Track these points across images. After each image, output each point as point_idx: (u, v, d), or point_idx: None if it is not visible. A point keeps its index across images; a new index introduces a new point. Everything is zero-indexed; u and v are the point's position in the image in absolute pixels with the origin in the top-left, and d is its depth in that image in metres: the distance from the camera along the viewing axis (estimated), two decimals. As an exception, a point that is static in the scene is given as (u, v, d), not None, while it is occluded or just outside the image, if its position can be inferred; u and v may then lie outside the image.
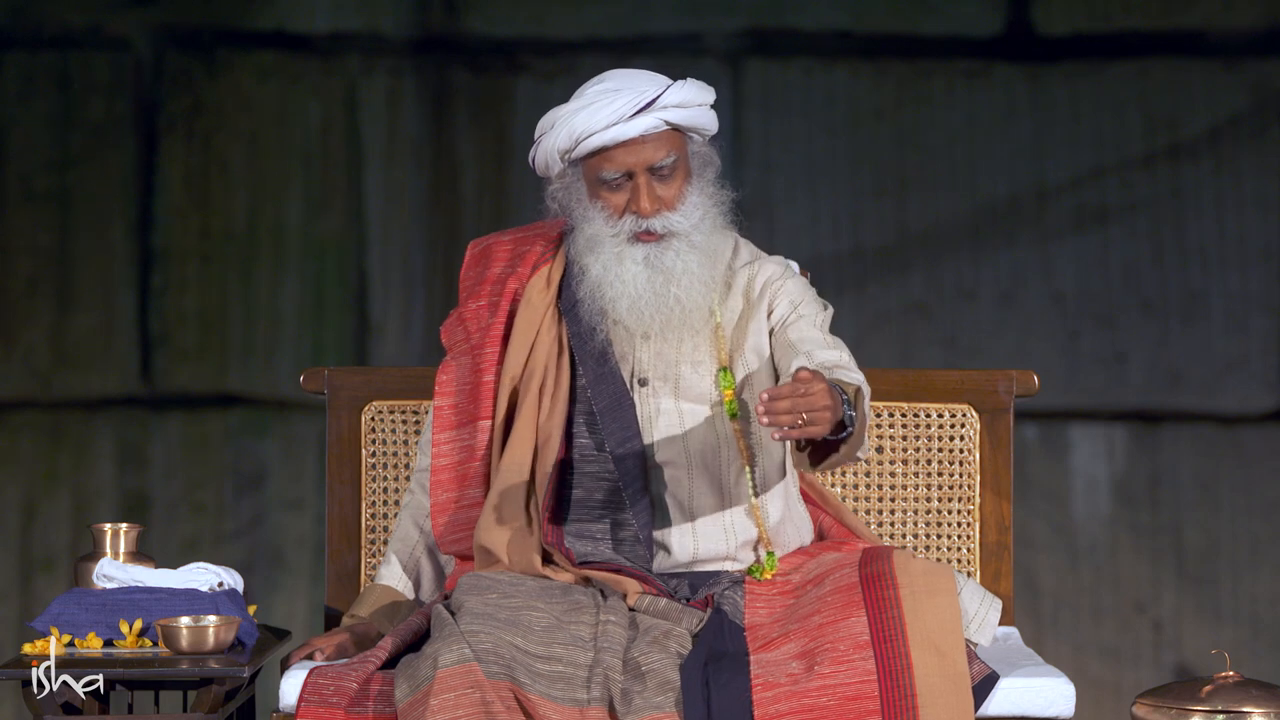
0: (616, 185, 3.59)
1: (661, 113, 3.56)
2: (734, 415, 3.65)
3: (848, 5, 5.63)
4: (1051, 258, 5.61)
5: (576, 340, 3.67)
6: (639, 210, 3.58)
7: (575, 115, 3.57)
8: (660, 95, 3.56)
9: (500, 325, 3.73)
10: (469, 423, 3.72)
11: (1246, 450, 5.60)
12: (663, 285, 3.59)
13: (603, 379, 3.63)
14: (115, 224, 5.62)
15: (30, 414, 5.63)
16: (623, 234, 3.59)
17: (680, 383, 3.67)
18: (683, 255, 3.59)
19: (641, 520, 3.58)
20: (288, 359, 5.61)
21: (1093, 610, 5.59)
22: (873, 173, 5.63)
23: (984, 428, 4.14)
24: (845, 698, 3.28)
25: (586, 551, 3.62)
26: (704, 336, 3.68)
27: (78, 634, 3.66)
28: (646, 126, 3.56)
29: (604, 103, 3.56)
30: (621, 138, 3.55)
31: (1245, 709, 3.54)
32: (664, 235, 3.59)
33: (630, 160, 3.57)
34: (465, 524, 3.70)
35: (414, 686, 3.26)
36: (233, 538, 5.61)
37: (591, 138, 3.56)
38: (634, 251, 3.59)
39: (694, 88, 3.60)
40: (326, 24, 5.64)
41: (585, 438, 3.65)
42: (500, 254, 3.81)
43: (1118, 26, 5.63)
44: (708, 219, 3.64)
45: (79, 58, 5.63)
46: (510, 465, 3.63)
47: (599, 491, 3.63)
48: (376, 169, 5.64)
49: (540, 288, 3.73)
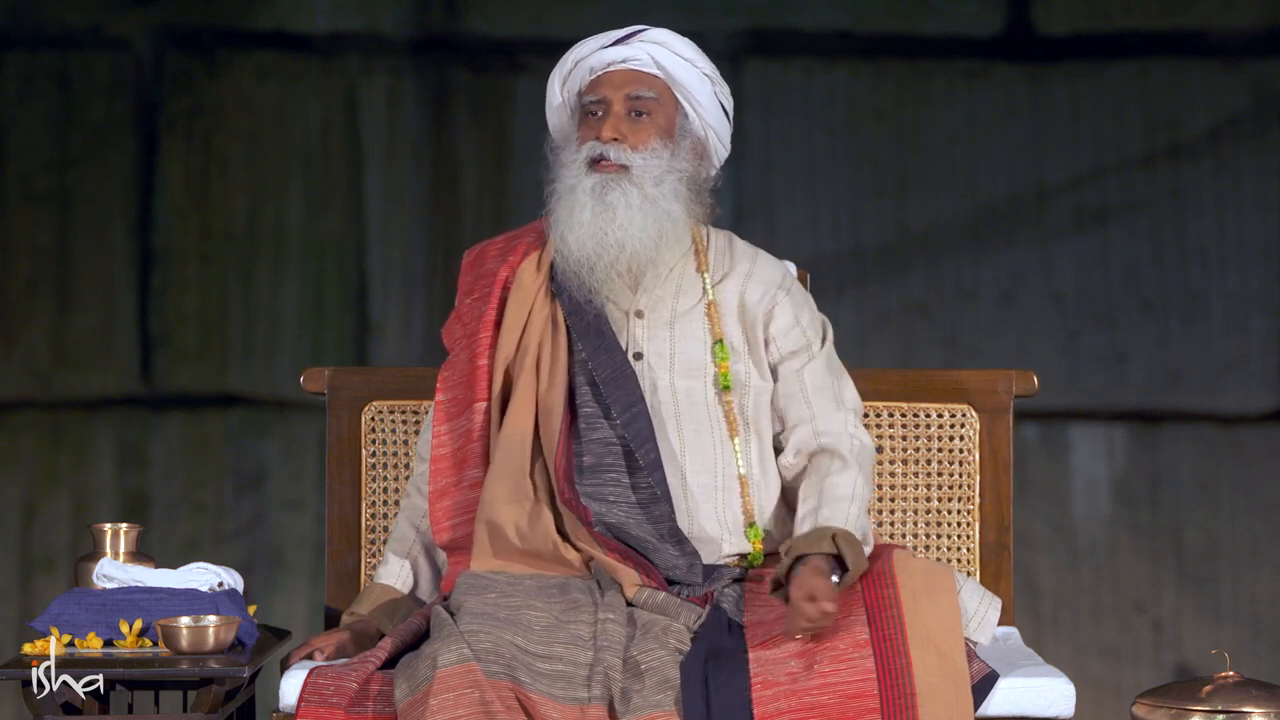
0: (594, 117, 3.69)
1: (646, 46, 3.70)
2: (727, 388, 3.66)
3: (848, 5, 5.63)
4: (1051, 258, 5.61)
5: (573, 317, 3.67)
6: (601, 136, 3.66)
7: (577, 44, 3.76)
8: (645, 30, 3.72)
9: (493, 311, 3.74)
10: (465, 408, 3.72)
11: (1246, 450, 5.59)
12: (605, 222, 3.62)
13: (602, 350, 3.65)
14: (115, 224, 5.62)
15: (30, 414, 5.63)
16: (581, 159, 3.67)
17: (675, 358, 3.68)
18: (629, 195, 3.63)
19: (657, 478, 3.58)
20: (288, 359, 5.61)
21: (1093, 610, 5.59)
22: (873, 173, 5.63)
23: (984, 428, 4.14)
24: (845, 696, 3.29)
25: (601, 512, 3.61)
26: (698, 312, 3.70)
27: (78, 634, 3.66)
28: (629, 54, 3.70)
29: (600, 33, 3.75)
30: (606, 59, 3.71)
31: (1245, 709, 3.54)
32: (618, 167, 3.64)
33: (608, 88, 3.69)
34: (467, 507, 3.69)
35: (413, 686, 3.27)
36: (233, 538, 5.61)
37: (585, 60, 3.73)
38: (586, 181, 3.65)
39: (681, 38, 3.74)
40: (326, 24, 5.64)
41: (590, 406, 3.65)
42: (492, 252, 3.83)
43: (1118, 26, 5.63)
44: (668, 179, 3.66)
45: (79, 58, 5.63)
46: (511, 437, 3.63)
47: (609, 456, 3.63)
48: (376, 169, 5.64)
49: (531, 270, 3.75)
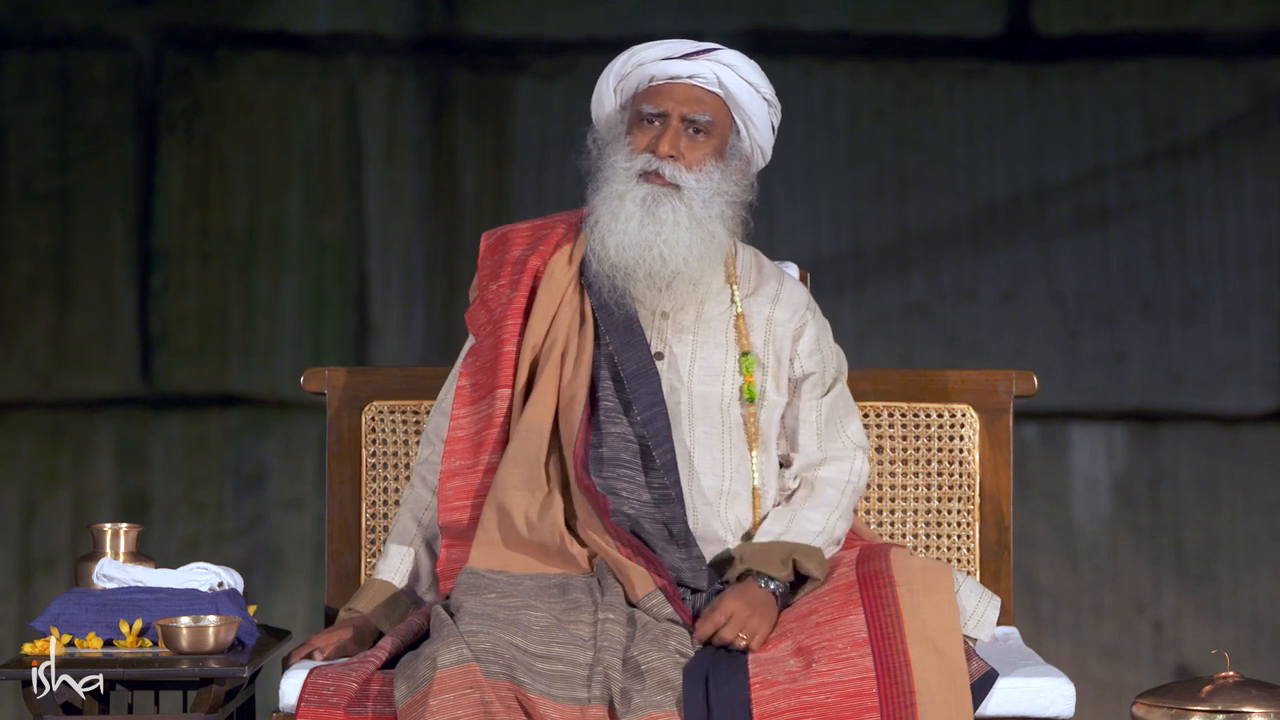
0: (649, 125, 3.68)
1: (713, 65, 3.68)
2: (751, 399, 3.67)
3: (848, 5, 5.63)
4: (1051, 258, 5.61)
5: (601, 310, 3.67)
6: (657, 150, 3.64)
7: (640, 46, 3.74)
8: (716, 49, 3.70)
9: (522, 299, 3.74)
10: (488, 394, 3.71)
11: (1246, 450, 5.59)
12: (651, 234, 3.62)
13: (630, 346, 3.65)
14: (115, 224, 5.62)
15: (30, 414, 5.63)
16: (634, 168, 3.65)
17: (696, 363, 3.68)
18: (678, 213, 3.63)
19: (672, 479, 3.58)
20: (288, 359, 5.60)
21: (1093, 610, 5.59)
22: (873, 173, 5.63)
23: (984, 428, 4.14)
24: (844, 695, 3.29)
25: (616, 504, 3.61)
26: (724, 321, 3.70)
27: (78, 634, 3.66)
28: (695, 71, 3.68)
29: (667, 40, 3.73)
30: (670, 71, 3.68)
31: (1245, 709, 3.54)
32: (670, 184, 3.63)
33: (668, 101, 3.67)
34: (475, 490, 3.68)
35: (413, 687, 3.26)
36: (233, 538, 5.60)
37: (646, 65, 3.70)
38: (636, 190, 3.64)
39: (750, 62, 3.73)
40: (326, 24, 5.64)
41: (611, 400, 3.65)
42: (519, 239, 3.82)
43: (1118, 26, 5.63)
44: (716, 202, 3.67)
45: (79, 58, 5.63)
46: (530, 426, 3.63)
47: (626, 452, 3.63)
48: (376, 169, 5.64)
49: (563, 263, 3.74)
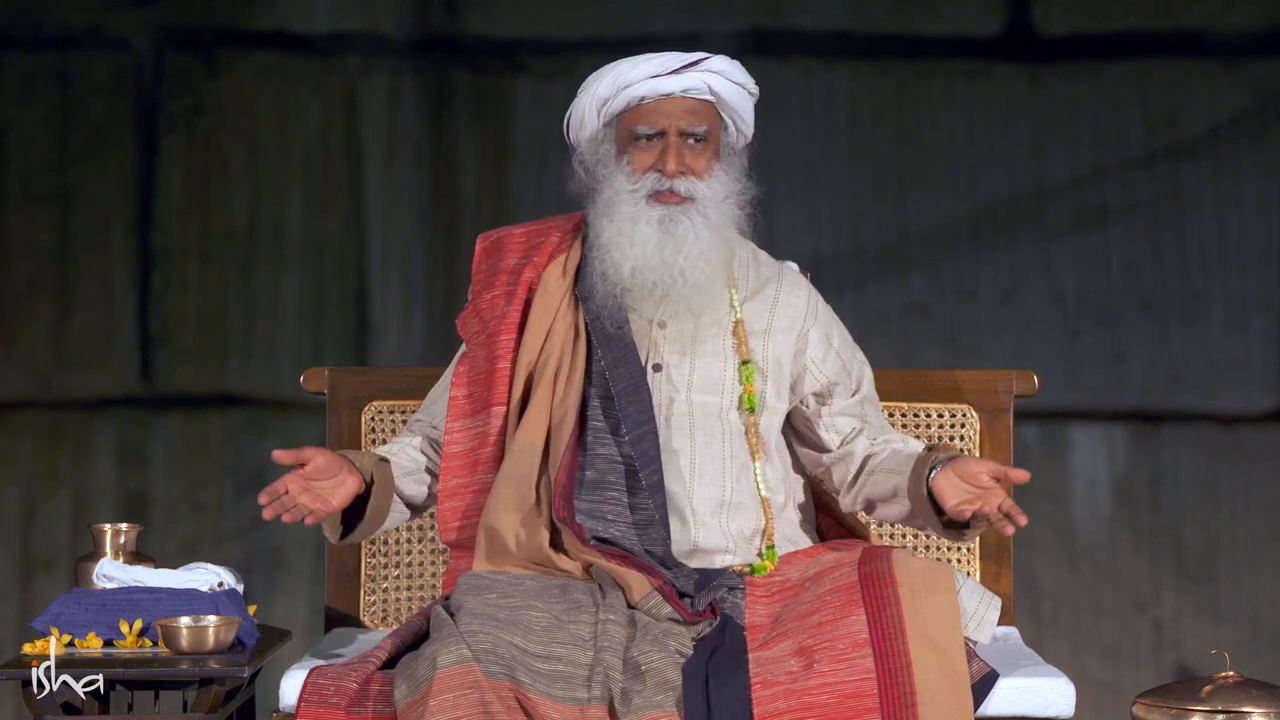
0: (647, 143, 3.63)
1: (704, 75, 3.63)
2: (751, 409, 3.66)
3: (848, 5, 5.63)
4: (1051, 258, 5.61)
5: (595, 324, 3.66)
6: (664, 169, 3.61)
7: (621, 65, 3.65)
8: (706, 59, 3.63)
9: (516, 313, 3.72)
10: (482, 409, 3.71)
11: (1246, 450, 5.59)
12: (671, 253, 3.59)
13: (622, 362, 3.63)
14: (115, 224, 5.62)
15: (30, 414, 5.62)
16: (642, 191, 3.61)
17: (695, 373, 3.67)
18: (696, 227, 3.60)
19: (657, 501, 3.58)
20: (288, 359, 5.60)
21: (1093, 610, 5.59)
22: (873, 173, 5.63)
23: (984, 428, 4.14)
24: (844, 695, 3.29)
25: (598, 529, 3.60)
26: (723, 328, 3.69)
27: (78, 634, 3.66)
28: (687, 84, 3.62)
29: (650, 56, 3.64)
30: (661, 89, 3.62)
31: (1245, 709, 3.54)
32: (685, 199, 3.61)
33: (664, 119, 3.62)
34: (475, 510, 3.68)
35: (413, 687, 3.26)
36: (233, 538, 5.60)
37: (632, 87, 3.63)
38: (650, 212, 3.60)
39: (735, 63, 3.68)
40: (326, 24, 5.64)
41: (599, 420, 3.64)
42: (514, 245, 3.81)
43: (1118, 26, 5.63)
44: (727, 204, 3.65)
45: (79, 58, 5.63)
46: (522, 445, 3.62)
47: (612, 474, 3.63)
48: (376, 169, 5.64)
49: (557, 275, 3.73)
